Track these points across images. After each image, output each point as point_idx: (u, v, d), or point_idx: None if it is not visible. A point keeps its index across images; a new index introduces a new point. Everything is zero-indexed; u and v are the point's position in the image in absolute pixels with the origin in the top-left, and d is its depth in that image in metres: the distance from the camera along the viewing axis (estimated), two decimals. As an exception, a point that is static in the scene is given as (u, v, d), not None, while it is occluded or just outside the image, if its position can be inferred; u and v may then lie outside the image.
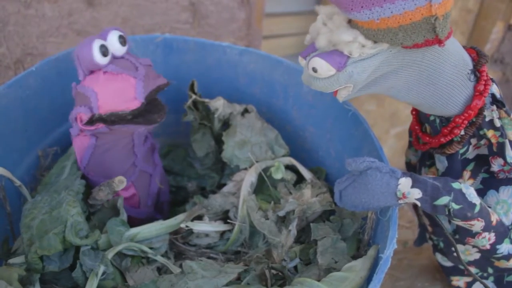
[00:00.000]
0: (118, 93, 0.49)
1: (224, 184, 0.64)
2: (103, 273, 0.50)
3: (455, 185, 0.44)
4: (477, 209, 0.45)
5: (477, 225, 0.46)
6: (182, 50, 0.69)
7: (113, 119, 0.50)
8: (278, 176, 0.61)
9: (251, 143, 0.63)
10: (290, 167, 0.64)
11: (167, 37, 0.68)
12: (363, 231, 0.53)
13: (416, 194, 0.44)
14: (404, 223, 0.66)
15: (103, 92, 0.49)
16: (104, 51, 0.49)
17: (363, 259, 0.48)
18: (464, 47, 0.48)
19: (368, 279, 0.47)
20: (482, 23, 1.20)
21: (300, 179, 0.63)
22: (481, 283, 0.54)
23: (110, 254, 0.51)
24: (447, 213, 0.44)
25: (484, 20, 1.19)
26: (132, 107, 0.50)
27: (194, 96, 0.65)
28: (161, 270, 0.55)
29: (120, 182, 0.53)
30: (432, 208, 0.44)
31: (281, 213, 0.56)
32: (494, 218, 0.48)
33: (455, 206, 0.43)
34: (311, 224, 0.54)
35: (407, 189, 0.44)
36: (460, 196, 0.44)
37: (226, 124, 0.67)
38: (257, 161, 0.62)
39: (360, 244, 0.53)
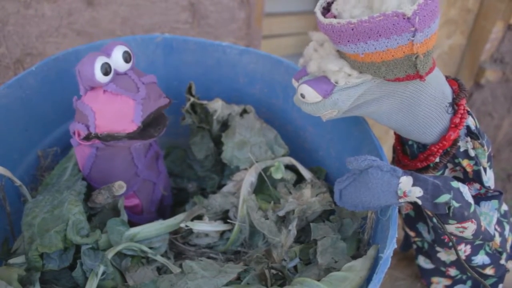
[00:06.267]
0: (116, 115, 0.49)
1: (225, 185, 0.64)
2: (103, 273, 0.50)
3: (454, 183, 0.45)
4: (472, 208, 0.45)
5: (470, 228, 0.46)
6: (182, 50, 0.68)
7: (107, 139, 0.50)
8: (278, 176, 0.61)
9: (251, 144, 0.63)
10: (290, 167, 0.64)
11: (167, 37, 0.67)
12: (363, 231, 0.53)
13: (417, 193, 0.44)
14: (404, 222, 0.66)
15: (101, 112, 0.49)
16: (106, 69, 0.48)
17: (363, 259, 0.48)
18: (447, 77, 0.50)
19: (368, 279, 0.47)
20: (482, 23, 1.20)
21: (300, 179, 0.63)
22: (482, 283, 0.55)
23: (110, 254, 0.51)
24: (447, 211, 0.44)
25: (484, 20, 1.19)
26: (128, 130, 0.49)
27: (192, 99, 0.65)
28: (161, 270, 0.55)
29: (119, 187, 0.53)
30: (433, 206, 0.44)
31: (281, 213, 0.56)
32: (482, 224, 0.49)
33: (455, 204, 0.44)
34: (311, 224, 0.54)
35: (408, 188, 0.44)
36: (458, 195, 0.45)
37: (224, 125, 0.67)
38: (257, 161, 0.62)
39: (360, 244, 0.53)
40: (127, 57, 0.50)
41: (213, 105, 0.64)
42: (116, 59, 0.50)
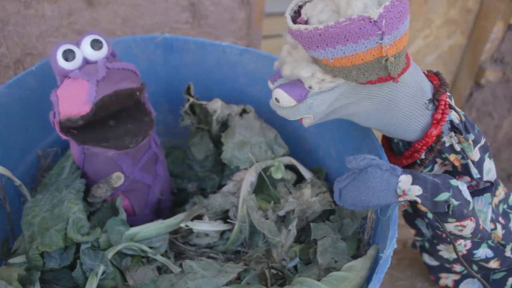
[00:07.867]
0: (72, 97, 0.49)
1: (225, 185, 0.64)
2: (103, 273, 0.50)
3: (453, 182, 0.45)
4: (471, 206, 0.46)
5: (469, 226, 0.46)
6: (182, 50, 0.68)
7: (68, 125, 0.49)
8: (278, 175, 0.61)
9: (251, 144, 0.63)
10: (290, 167, 0.64)
11: (167, 37, 0.67)
12: (363, 231, 0.53)
13: (416, 191, 0.44)
14: (404, 222, 0.66)
15: (61, 96, 0.49)
16: (68, 56, 0.49)
17: (363, 258, 0.48)
18: (429, 72, 0.49)
19: (368, 278, 0.47)
20: (482, 23, 1.20)
21: (300, 178, 0.63)
22: (480, 281, 0.55)
23: (110, 253, 0.51)
24: (446, 209, 0.44)
25: (484, 20, 1.19)
26: (82, 112, 0.48)
27: (191, 100, 0.65)
28: (161, 270, 0.55)
29: (118, 178, 0.53)
30: (433, 205, 0.44)
31: (281, 213, 0.56)
32: (480, 222, 0.49)
33: (455, 202, 0.44)
34: (311, 223, 0.54)
35: (408, 186, 0.44)
36: (457, 193, 0.45)
37: (224, 125, 0.67)
38: (257, 161, 0.62)
39: (360, 244, 0.53)
40: (96, 45, 0.51)
41: (213, 105, 0.64)
42: (84, 47, 0.51)
